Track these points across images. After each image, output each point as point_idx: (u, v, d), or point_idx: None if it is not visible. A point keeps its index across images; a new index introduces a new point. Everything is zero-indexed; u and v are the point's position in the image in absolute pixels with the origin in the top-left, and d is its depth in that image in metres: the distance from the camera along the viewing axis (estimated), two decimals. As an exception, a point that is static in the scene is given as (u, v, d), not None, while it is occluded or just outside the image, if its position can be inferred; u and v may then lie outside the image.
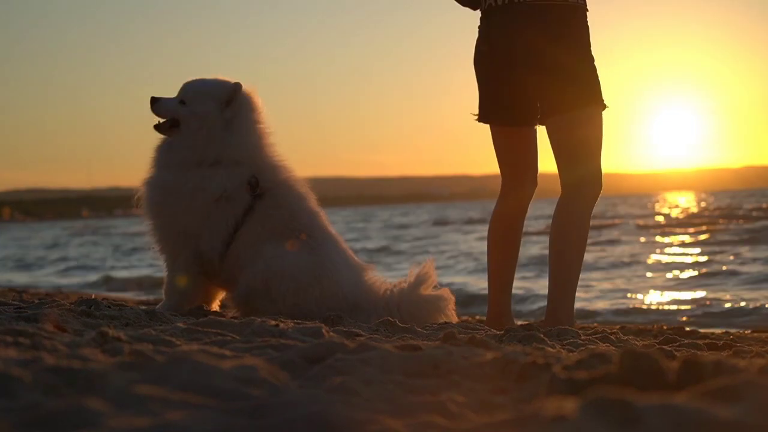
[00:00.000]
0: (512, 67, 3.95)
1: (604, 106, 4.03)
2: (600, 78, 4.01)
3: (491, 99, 4.10)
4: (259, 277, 3.92)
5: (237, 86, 4.04)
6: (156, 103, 4.05)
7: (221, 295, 4.28)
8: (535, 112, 4.03)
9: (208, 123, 3.99)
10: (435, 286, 4.24)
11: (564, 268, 3.97)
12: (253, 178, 4.00)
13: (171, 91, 4.08)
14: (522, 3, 3.86)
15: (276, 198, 4.04)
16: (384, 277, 4.32)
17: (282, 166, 4.16)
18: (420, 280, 4.18)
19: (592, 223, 4.10)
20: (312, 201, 4.16)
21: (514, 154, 4.21)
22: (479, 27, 4.09)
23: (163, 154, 4.10)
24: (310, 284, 3.93)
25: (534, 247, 15.82)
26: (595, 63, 4.02)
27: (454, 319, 4.25)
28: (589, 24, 3.99)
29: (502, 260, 4.27)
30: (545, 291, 4.22)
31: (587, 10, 3.98)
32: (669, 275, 11.34)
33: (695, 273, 11.36)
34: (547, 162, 4.25)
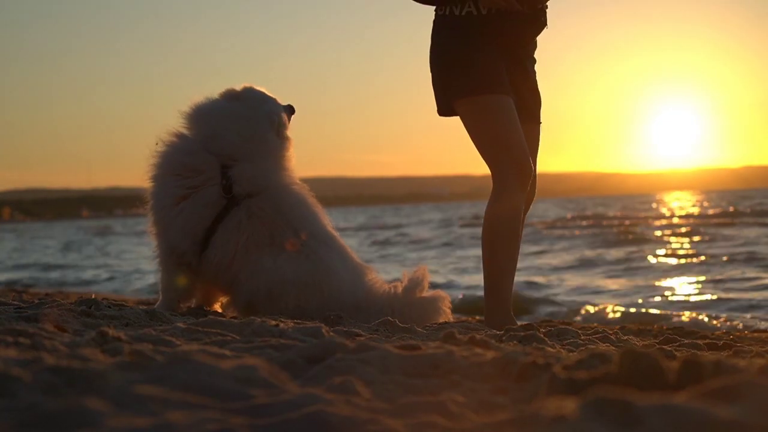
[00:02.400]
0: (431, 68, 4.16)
1: (489, 92, 3.94)
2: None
3: None
4: (262, 289, 3.92)
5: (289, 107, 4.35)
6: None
7: (221, 296, 4.27)
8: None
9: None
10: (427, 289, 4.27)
11: (492, 271, 3.98)
12: (225, 180, 3.99)
13: (171, 91, 4.13)
14: (436, 15, 4.09)
15: (270, 201, 4.03)
16: (383, 279, 4.32)
17: (279, 166, 4.16)
18: (414, 284, 4.19)
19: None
20: (309, 203, 4.16)
21: None
22: None
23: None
24: (311, 291, 3.94)
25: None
26: (481, 55, 3.97)
27: (450, 318, 4.27)
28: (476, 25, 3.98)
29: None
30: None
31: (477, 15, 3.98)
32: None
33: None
34: (544, 162, 4.22)
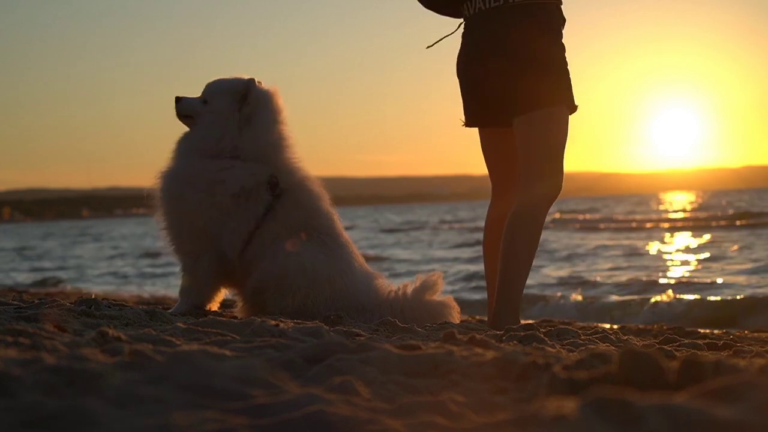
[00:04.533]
0: (497, 65, 3.94)
1: (573, 109, 4.01)
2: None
3: (478, 102, 4.09)
4: (275, 272, 3.91)
5: (250, 82, 4.08)
6: (179, 102, 4.14)
7: (224, 295, 4.27)
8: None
9: (223, 117, 4.04)
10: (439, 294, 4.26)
11: (511, 270, 3.94)
12: (273, 177, 4.00)
13: (171, 91, 4.12)
14: (513, 3, 3.89)
15: (295, 198, 4.04)
16: (391, 283, 4.32)
17: (299, 166, 4.17)
18: (425, 286, 4.18)
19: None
20: (327, 202, 4.17)
21: (503, 156, 4.18)
22: (462, 35, 4.11)
23: (180, 145, 4.14)
24: (323, 284, 3.94)
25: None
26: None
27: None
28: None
29: (497, 263, 4.25)
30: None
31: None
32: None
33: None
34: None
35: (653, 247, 17.68)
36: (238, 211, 3.97)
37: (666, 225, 27.39)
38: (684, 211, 41.77)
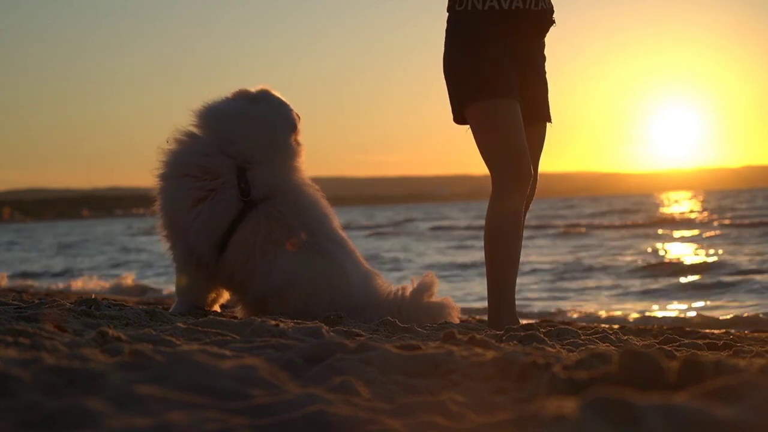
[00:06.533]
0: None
1: (497, 94, 3.91)
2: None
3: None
4: (275, 285, 3.90)
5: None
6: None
7: (228, 295, 4.26)
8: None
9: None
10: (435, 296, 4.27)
11: (494, 271, 3.98)
12: (243, 183, 3.96)
13: (171, 92, 4.11)
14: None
15: (287, 203, 4.01)
16: (390, 283, 4.33)
17: (294, 169, 4.15)
18: (423, 288, 4.19)
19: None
20: (323, 204, 4.15)
21: None
22: None
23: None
24: (323, 290, 3.94)
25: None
26: (497, 59, 3.94)
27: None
28: (498, 25, 3.95)
29: None
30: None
31: (500, 13, 3.95)
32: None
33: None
34: (545, 162, 4.20)
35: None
36: (206, 211, 3.93)
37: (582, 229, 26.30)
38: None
